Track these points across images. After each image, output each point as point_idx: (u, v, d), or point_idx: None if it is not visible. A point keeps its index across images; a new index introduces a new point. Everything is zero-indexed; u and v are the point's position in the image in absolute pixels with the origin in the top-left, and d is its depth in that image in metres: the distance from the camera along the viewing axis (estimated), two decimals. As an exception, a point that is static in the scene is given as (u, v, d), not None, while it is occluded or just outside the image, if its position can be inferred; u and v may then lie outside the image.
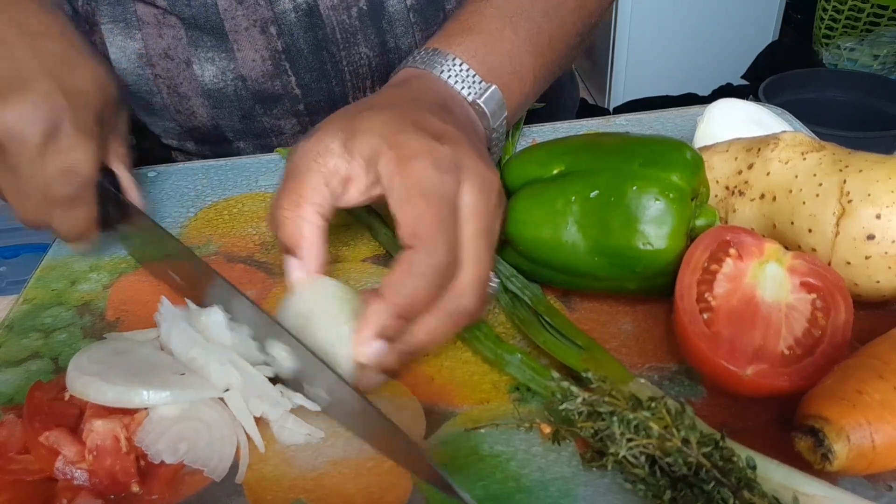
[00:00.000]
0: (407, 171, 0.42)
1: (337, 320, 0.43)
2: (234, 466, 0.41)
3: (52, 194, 0.51)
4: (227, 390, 0.43)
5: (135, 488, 0.39)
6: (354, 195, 0.45)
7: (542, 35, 0.57)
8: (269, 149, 0.74)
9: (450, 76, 0.52)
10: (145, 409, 0.42)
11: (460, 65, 0.52)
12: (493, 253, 0.44)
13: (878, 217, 0.43)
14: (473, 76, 0.52)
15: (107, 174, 0.55)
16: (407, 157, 0.42)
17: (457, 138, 0.45)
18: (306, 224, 0.44)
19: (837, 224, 0.44)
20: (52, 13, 0.56)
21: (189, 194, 0.66)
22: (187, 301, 0.48)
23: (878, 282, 0.44)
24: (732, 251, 0.44)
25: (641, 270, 0.46)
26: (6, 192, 0.53)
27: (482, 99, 0.52)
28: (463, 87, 0.52)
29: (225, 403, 0.43)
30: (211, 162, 0.71)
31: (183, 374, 0.43)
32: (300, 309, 0.44)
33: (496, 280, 0.45)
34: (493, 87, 0.53)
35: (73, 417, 0.42)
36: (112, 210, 0.56)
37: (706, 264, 0.44)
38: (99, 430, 0.40)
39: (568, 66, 0.65)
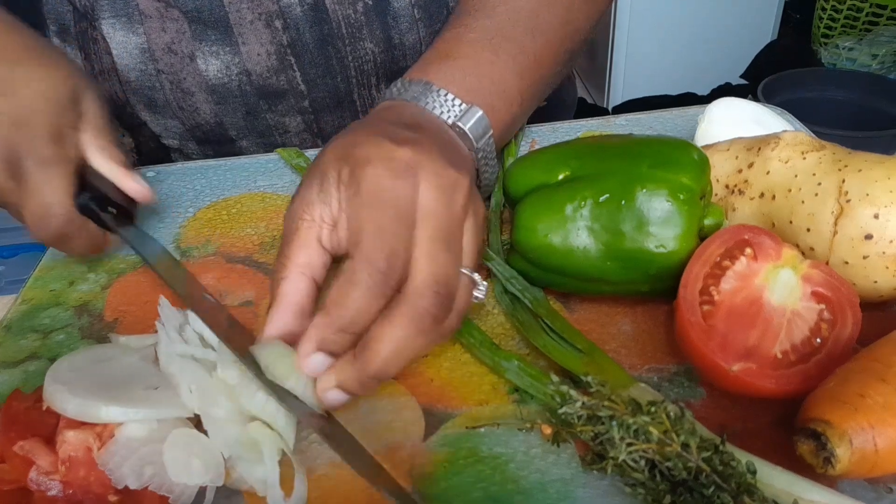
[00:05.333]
0: (358, 180, 0.41)
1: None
2: (201, 494, 0.39)
3: (39, 237, 0.51)
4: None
5: (112, 499, 0.38)
6: (345, 236, 0.43)
7: (526, 54, 0.56)
8: (272, 148, 0.73)
9: (427, 102, 0.51)
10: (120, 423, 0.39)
11: (437, 90, 0.51)
12: (457, 255, 0.42)
13: (876, 217, 0.43)
14: (452, 100, 0.51)
15: (92, 186, 0.54)
16: (361, 165, 0.41)
17: (419, 142, 0.43)
18: (284, 283, 0.43)
19: (836, 223, 0.44)
20: None
21: (187, 194, 0.66)
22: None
23: (875, 282, 0.44)
24: (749, 251, 0.44)
25: (655, 272, 0.46)
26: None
27: (462, 120, 0.51)
28: (441, 112, 0.51)
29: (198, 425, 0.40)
30: (210, 162, 0.71)
31: (157, 388, 0.41)
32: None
33: (483, 285, 0.44)
34: (474, 107, 0.51)
35: (50, 427, 0.40)
36: (114, 217, 0.55)
37: (719, 259, 0.44)
38: (72, 441, 0.38)
39: (560, 80, 0.64)
